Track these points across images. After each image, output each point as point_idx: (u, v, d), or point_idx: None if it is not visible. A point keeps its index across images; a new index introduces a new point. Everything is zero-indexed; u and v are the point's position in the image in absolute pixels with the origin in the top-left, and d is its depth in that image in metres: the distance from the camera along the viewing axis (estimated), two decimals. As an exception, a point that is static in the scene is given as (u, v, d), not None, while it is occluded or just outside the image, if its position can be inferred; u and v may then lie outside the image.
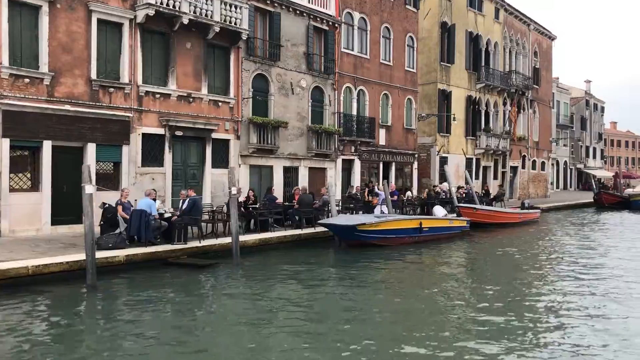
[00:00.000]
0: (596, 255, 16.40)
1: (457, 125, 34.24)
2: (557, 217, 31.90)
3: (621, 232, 22.86)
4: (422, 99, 33.16)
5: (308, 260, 14.58)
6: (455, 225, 19.76)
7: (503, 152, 38.02)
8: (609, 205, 39.11)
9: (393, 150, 28.66)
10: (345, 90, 25.78)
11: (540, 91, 44.20)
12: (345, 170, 26.08)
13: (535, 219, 27.21)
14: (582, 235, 21.52)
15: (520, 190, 41.61)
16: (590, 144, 74.41)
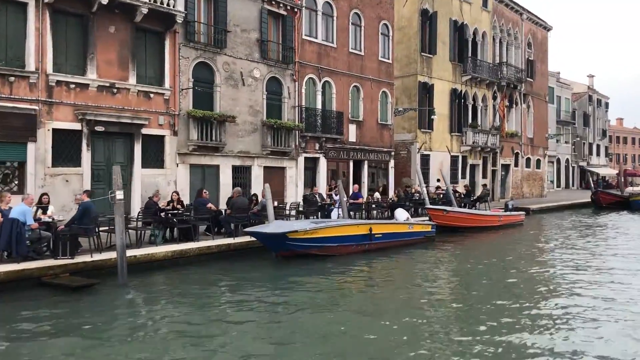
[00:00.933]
0: (581, 271, 13.82)
1: (440, 120, 31.76)
2: (547, 219, 29.32)
3: (614, 239, 20.22)
4: (402, 92, 30.74)
5: (221, 278, 12.24)
6: (417, 230, 17.31)
7: (492, 149, 35.46)
8: (607, 205, 36.41)
9: (365, 148, 26.24)
10: (308, 82, 23.41)
11: (534, 85, 41.57)
12: (309, 169, 23.72)
13: (519, 222, 24.70)
14: (567, 244, 18.95)
15: (513, 190, 39.01)
16: (594, 141, 71.51)
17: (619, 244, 18.44)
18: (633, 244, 18.68)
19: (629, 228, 23.97)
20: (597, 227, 24.56)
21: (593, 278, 12.52)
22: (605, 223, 26.57)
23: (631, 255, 15.90)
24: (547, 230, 23.79)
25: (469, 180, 34.19)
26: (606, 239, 20.19)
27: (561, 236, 21.20)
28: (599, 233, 22.17)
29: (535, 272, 13.41)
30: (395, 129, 30.71)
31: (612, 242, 19.16)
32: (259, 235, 13.48)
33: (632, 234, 21.94)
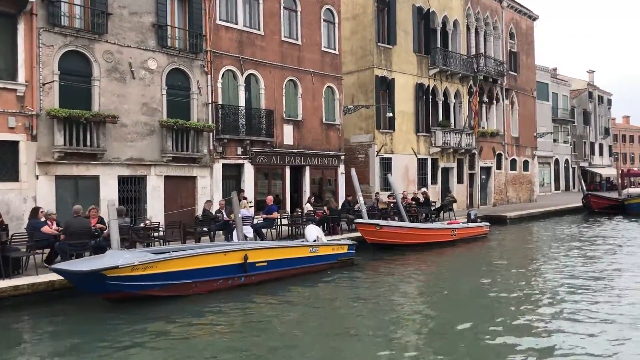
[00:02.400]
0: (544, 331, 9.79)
1: (404, 119, 27.96)
2: (524, 229, 25.34)
3: (600, 263, 16.13)
4: (358, 88, 27.01)
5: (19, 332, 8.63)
6: (324, 254, 13.51)
7: (468, 151, 31.53)
8: (599, 210, 32.32)
9: (306, 152, 22.52)
10: (227, 75, 19.79)
11: (519, 79, 37.57)
12: (231, 178, 20.05)
13: (481, 234, 20.79)
14: (530, 270, 15.07)
15: (496, 195, 35.00)
16: (596, 140, 67.09)
17: (609, 272, 14.26)
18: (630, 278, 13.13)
19: (625, 243, 19.81)
20: (582, 240, 20.51)
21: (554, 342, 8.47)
22: (593, 234, 22.50)
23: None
24: (514, 246, 19.85)
25: (442, 186, 30.31)
26: (591, 262, 16.20)
27: (526, 257, 17.28)
28: (583, 251, 18.16)
29: (465, 324, 9.59)
30: (352, 130, 27.02)
31: (598, 267, 15.17)
32: (66, 274, 9.81)
33: (628, 252, 17.91)
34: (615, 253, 17.08)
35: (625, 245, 18.91)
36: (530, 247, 19.21)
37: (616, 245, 18.95)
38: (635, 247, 18.21)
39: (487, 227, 21.22)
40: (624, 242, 19.61)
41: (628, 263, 15.13)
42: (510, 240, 21.54)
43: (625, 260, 15.71)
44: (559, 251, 17.81)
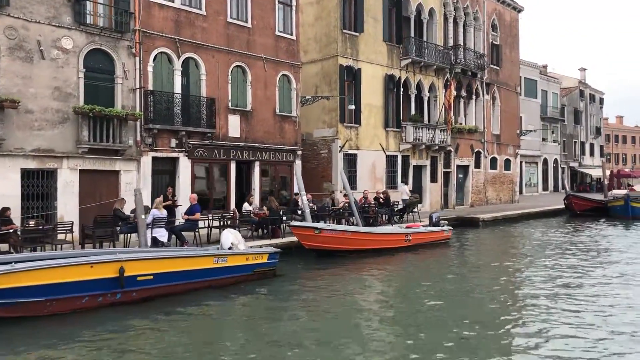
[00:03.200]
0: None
1: (371, 113, 25.91)
2: (494, 234, 23.33)
3: (569, 276, 14.13)
4: (322, 78, 24.96)
5: None
6: (234, 264, 11.44)
7: (443, 148, 29.48)
8: (581, 212, 30.34)
9: (255, 145, 20.47)
10: (160, 59, 17.71)
11: (502, 73, 35.51)
12: (164, 173, 18.00)
13: (442, 240, 18.77)
14: (482, 292, 13.06)
15: (474, 195, 32.99)
16: (587, 140, 65.12)
17: (580, 290, 12.26)
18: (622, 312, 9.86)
19: (604, 252, 17.82)
20: (555, 248, 18.48)
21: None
22: (569, 240, 20.49)
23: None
24: (475, 255, 17.79)
25: (414, 185, 28.28)
26: (560, 276, 14.20)
27: (484, 269, 15.27)
28: (553, 261, 16.16)
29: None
30: (314, 123, 25.01)
31: (567, 284, 13.17)
32: None
33: (605, 261, 15.92)
34: (589, 263, 15.09)
35: (602, 254, 16.92)
36: (493, 256, 17.19)
37: (592, 254, 16.96)
38: (616, 258, 16.21)
39: (449, 231, 19.17)
40: (602, 251, 17.62)
41: (602, 276, 13.14)
42: (475, 246, 19.53)
43: (600, 273, 13.72)
44: (526, 262, 15.81)
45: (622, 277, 13.03)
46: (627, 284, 12.21)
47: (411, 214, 22.96)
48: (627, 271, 13.81)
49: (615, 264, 14.92)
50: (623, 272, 13.72)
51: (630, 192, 31.94)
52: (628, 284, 12.29)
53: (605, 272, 13.78)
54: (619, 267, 14.44)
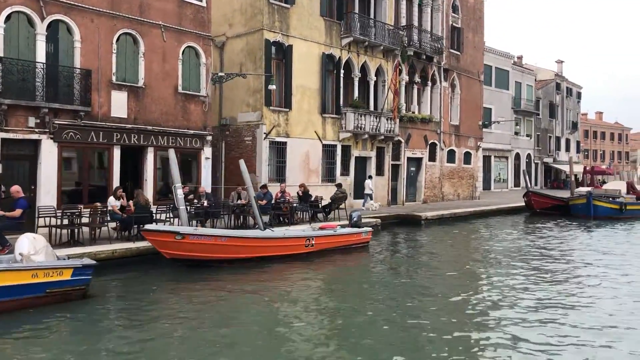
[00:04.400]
0: None
1: (304, 96, 22.79)
2: (435, 234, 20.36)
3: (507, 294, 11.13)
4: (247, 55, 21.80)
5: None
6: (9, 284, 8.31)
7: (389, 138, 26.44)
8: (541, 210, 27.52)
9: (149, 129, 17.27)
10: (16, 20, 14.43)
11: (463, 59, 32.49)
12: (21, 159, 14.78)
13: (358, 243, 15.73)
14: (388, 313, 10.07)
15: (428, 191, 30.03)
16: (562, 135, 62.49)
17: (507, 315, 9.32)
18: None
19: (553, 261, 14.89)
20: (499, 254, 15.59)
21: None
22: (514, 245, 17.59)
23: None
24: (393, 263, 14.74)
25: (355, 178, 25.25)
26: (496, 292, 11.21)
27: (398, 283, 12.28)
28: (490, 272, 13.22)
29: None
30: (238, 106, 21.97)
31: (501, 304, 10.18)
32: None
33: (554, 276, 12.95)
34: (504, 273, 12.15)
35: (533, 261, 13.99)
36: (412, 264, 14.18)
37: (523, 261, 14.02)
38: (572, 270, 13.29)
39: (368, 233, 16.11)
40: (535, 258, 14.70)
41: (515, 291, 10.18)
42: (400, 251, 16.51)
43: (514, 285, 10.77)
44: (446, 273, 12.85)
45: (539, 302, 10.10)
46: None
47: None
48: (562, 290, 10.89)
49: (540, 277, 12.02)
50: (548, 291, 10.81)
51: (595, 190, 29.19)
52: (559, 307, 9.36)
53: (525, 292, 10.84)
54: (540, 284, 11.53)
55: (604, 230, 22.09)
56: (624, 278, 12.32)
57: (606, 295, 10.57)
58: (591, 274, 12.82)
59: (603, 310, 9.44)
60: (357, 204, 24.98)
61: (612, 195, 26.93)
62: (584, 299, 10.28)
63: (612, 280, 11.96)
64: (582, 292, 10.87)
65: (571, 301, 10.05)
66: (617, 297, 10.45)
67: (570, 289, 11.11)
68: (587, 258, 15.06)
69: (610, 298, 10.36)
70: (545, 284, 11.52)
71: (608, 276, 12.45)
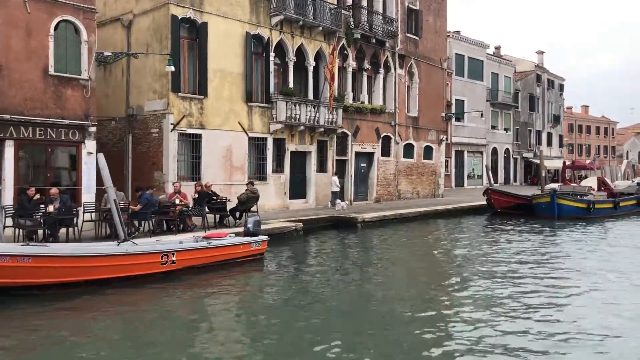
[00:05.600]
0: None
1: (225, 82, 19.68)
2: (362, 240, 17.34)
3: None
4: (153, 34, 18.71)
5: None
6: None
7: (331, 130, 23.36)
8: (503, 210, 24.50)
9: (5, 117, 14.12)
10: None
11: (422, 45, 29.38)
12: None
13: (248, 256, 12.60)
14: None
15: (381, 189, 26.97)
16: (543, 129, 59.48)
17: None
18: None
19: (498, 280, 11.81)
20: (434, 267, 12.55)
21: None
22: (457, 259, 14.55)
23: None
24: (287, 284, 11.65)
25: (292, 175, 22.17)
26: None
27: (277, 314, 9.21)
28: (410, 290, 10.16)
29: None
30: (145, 93, 18.84)
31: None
32: None
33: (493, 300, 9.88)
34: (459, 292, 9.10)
35: (469, 285, 10.94)
36: (310, 285, 11.11)
37: (463, 278, 10.98)
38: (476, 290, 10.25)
39: (262, 243, 12.97)
40: (472, 274, 11.66)
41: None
42: (303, 265, 13.30)
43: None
44: (346, 296, 9.79)
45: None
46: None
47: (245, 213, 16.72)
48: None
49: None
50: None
51: (563, 186, 26.22)
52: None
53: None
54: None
55: (564, 233, 19.04)
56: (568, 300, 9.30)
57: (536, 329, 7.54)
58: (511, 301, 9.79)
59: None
60: (295, 204, 21.97)
61: (581, 193, 23.94)
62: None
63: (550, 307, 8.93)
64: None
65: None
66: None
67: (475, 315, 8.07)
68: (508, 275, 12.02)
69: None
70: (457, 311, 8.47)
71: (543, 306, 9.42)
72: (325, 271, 12.05)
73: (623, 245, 16.21)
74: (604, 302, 9.36)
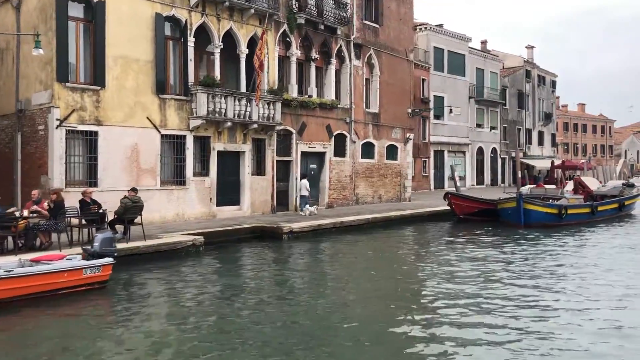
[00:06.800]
0: None
1: (130, 70, 16.68)
2: (275, 256, 14.27)
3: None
4: (38, 15, 15.74)
5: None
6: None
7: (268, 127, 20.30)
8: (465, 216, 21.33)
9: None
10: None
11: (383, 34, 26.28)
12: None
13: (81, 285, 9.52)
14: None
15: (335, 192, 23.88)
16: (534, 127, 56.19)
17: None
18: None
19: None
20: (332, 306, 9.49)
21: None
22: (383, 285, 11.49)
23: None
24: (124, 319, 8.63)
25: (220, 179, 19.13)
26: None
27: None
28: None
29: None
30: (32, 85, 15.90)
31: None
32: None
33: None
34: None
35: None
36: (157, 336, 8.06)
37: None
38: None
39: (103, 269, 9.90)
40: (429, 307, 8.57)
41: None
42: (164, 295, 10.21)
43: None
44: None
45: None
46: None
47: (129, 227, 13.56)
48: None
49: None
50: None
51: (534, 189, 23.04)
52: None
53: None
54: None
55: (523, 248, 15.83)
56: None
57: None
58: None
59: None
60: (225, 212, 18.97)
61: (553, 196, 20.74)
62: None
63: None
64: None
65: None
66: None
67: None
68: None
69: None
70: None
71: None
72: (177, 314, 8.92)
73: (588, 264, 13.00)
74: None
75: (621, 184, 25.96)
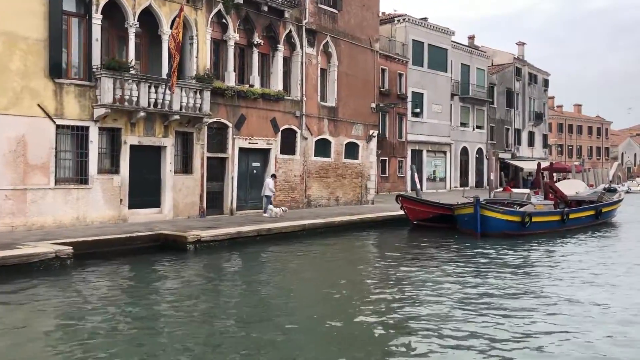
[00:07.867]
0: None
1: (17, 50, 14.03)
2: (167, 273, 11.63)
3: None
4: None
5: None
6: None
7: (195, 118, 17.62)
8: (419, 222, 18.60)
9: None
10: None
11: (343, 19, 23.56)
12: None
13: None
14: None
15: (283, 194, 21.18)
16: (523, 127, 53.33)
17: None
18: None
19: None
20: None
21: None
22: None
23: None
24: None
25: (134, 178, 16.45)
26: None
27: None
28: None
29: None
30: None
31: None
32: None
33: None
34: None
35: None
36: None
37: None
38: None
39: None
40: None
41: None
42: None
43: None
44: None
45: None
46: None
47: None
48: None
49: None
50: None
51: (499, 193, 20.33)
52: None
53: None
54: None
55: (472, 264, 13.12)
56: None
57: None
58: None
59: None
60: (140, 215, 16.34)
61: (518, 202, 18.00)
62: None
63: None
64: None
65: None
66: None
67: None
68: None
69: None
70: None
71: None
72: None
73: (540, 293, 10.26)
74: None
75: (602, 188, 23.11)
